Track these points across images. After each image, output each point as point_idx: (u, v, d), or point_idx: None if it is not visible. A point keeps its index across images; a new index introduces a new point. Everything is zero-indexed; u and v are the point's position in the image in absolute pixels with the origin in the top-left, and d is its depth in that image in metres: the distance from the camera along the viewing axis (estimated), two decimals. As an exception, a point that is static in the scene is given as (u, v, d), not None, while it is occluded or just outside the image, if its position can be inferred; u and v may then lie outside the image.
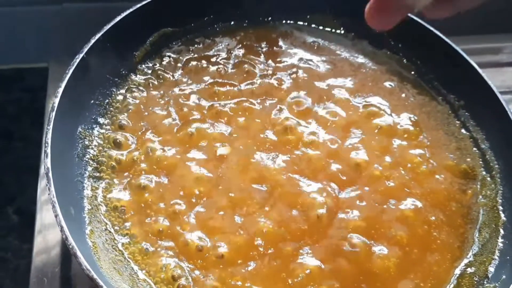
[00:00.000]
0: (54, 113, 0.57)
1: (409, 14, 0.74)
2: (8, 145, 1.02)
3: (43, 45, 0.93)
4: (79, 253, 0.49)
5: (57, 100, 0.58)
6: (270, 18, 0.79)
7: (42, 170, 0.70)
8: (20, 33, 0.95)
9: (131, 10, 0.69)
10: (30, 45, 0.95)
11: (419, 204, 0.63)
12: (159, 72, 0.71)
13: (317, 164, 0.64)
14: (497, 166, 0.66)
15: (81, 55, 0.63)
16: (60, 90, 0.59)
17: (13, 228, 0.97)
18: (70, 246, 0.50)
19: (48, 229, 0.68)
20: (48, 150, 0.55)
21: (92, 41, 0.64)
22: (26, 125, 1.02)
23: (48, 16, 0.92)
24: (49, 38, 0.91)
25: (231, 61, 0.74)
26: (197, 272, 0.56)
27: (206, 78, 0.71)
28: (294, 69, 0.74)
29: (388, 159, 0.66)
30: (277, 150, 0.65)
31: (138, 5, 0.69)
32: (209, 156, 0.64)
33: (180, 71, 0.72)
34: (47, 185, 0.53)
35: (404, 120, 0.70)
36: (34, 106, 0.98)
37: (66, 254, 0.65)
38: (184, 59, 0.73)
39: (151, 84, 0.70)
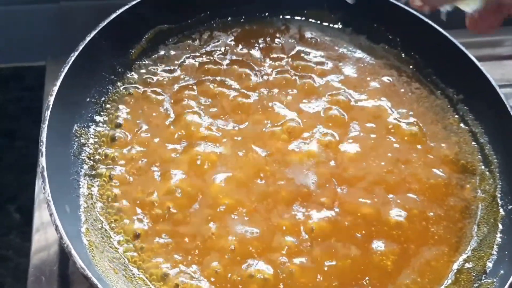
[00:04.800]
0: (49, 112, 0.57)
1: (406, 8, 0.74)
2: (9, 144, 1.02)
3: (42, 43, 0.93)
4: (73, 252, 0.49)
5: (52, 99, 0.58)
6: (267, 14, 0.78)
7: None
8: (18, 32, 0.95)
9: (126, 7, 0.68)
10: (29, 43, 0.95)
11: (418, 199, 0.63)
12: (155, 69, 0.71)
13: (316, 160, 0.64)
14: (495, 160, 0.66)
15: (76, 53, 0.62)
16: (55, 88, 0.59)
17: (15, 226, 0.97)
18: (65, 245, 0.50)
19: (46, 227, 0.68)
20: (43, 149, 0.55)
21: (88, 39, 0.64)
22: (26, 124, 1.01)
23: (46, 14, 0.92)
24: (47, 36, 0.91)
25: (228, 57, 0.73)
26: (194, 266, 0.56)
27: (202, 75, 0.71)
28: (292, 65, 0.73)
29: (386, 154, 0.66)
30: (275, 145, 0.65)
31: (134, 2, 0.69)
32: (206, 153, 0.63)
33: (176, 68, 0.72)
34: (42, 184, 0.53)
35: (403, 115, 0.70)
36: (35, 105, 0.98)
37: (64, 252, 0.64)
38: (181, 56, 0.73)
39: (147, 81, 0.70)
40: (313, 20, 0.79)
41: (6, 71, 1.01)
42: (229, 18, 0.77)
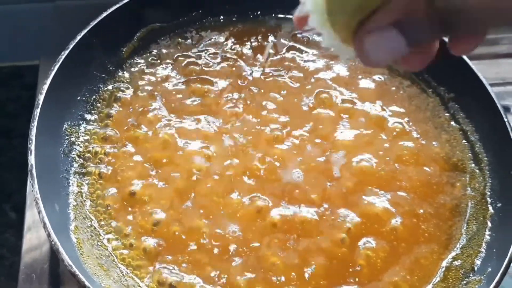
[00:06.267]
0: (38, 110, 0.58)
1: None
2: (6, 143, 1.02)
3: (39, 41, 0.93)
4: (61, 249, 0.50)
5: (41, 97, 0.58)
6: (259, 13, 0.78)
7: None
8: (15, 31, 0.95)
9: (118, 5, 0.68)
10: (26, 42, 0.95)
11: (408, 197, 0.63)
12: (147, 68, 0.71)
13: (305, 157, 0.64)
14: (486, 158, 0.66)
15: (66, 52, 0.63)
16: (45, 87, 0.59)
17: (10, 225, 0.97)
18: (53, 242, 0.50)
19: (38, 226, 0.67)
20: (32, 147, 0.55)
21: (78, 37, 0.64)
22: (24, 123, 1.02)
23: (41, 13, 0.92)
24: (44, 35, 0.92)
25: (220, 56, 0.74)
26: (184, 265, 0.56)
27: (194, 73, 0.71)
28: (284, 64, 0.74)
29: (377, 152, 0.66)
30: (265, 143, 0.65)
31: (125, 1, 0.69)
32: (198, 151, 0.64)
33: (168, 67, 0.72)
34: (30, 181, 0.53)
35: (394, 113, 0.70)
36: (32, 104, 0.98)
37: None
38: (173, 55, 0.73)
39: (139, 80, 0.70)
40: (306, 19, 0.79)
41: (4, 70, 1.01)
42: (221, 17, 0.77)
